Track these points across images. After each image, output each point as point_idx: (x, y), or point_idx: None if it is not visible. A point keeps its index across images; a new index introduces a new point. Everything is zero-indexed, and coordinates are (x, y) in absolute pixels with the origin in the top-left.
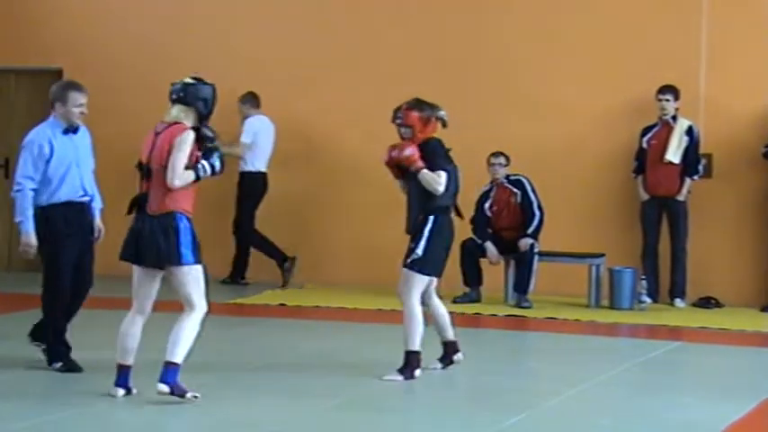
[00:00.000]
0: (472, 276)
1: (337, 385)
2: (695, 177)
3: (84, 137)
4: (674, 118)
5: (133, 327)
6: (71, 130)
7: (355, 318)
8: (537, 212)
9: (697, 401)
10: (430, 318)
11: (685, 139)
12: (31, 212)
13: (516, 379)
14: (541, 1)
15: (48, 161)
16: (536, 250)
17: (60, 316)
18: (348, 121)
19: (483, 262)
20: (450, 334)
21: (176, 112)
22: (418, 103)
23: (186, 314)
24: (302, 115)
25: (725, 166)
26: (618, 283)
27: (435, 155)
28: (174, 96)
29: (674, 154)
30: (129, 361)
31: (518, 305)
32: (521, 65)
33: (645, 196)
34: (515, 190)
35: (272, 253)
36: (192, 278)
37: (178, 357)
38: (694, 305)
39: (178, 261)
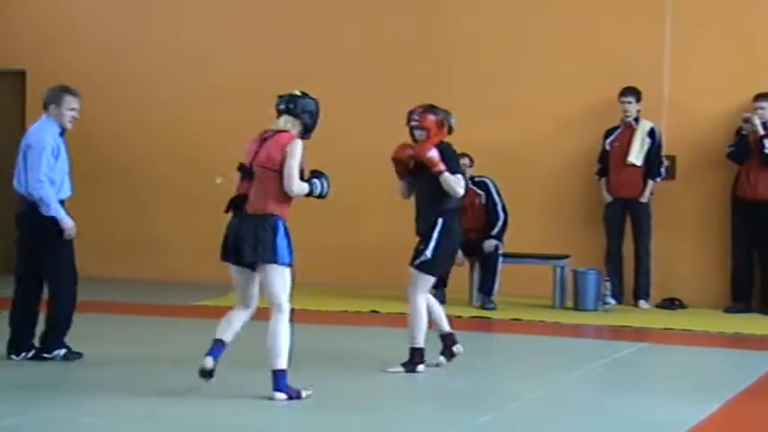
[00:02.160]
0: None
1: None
2: (657, 179)
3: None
4: (637, 120)
5: (237, 315)
6: (62, 132)
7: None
8: (501, 214)
9: (662, 402)
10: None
11: (647, 140)
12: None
13: (482, 380)
14: (505, 3)
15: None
16: (500, 252)
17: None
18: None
19: None
20: (446, 326)
21: (284, 122)
22: (433, 108)
23: (275, 320)
24: None
25: (688, 168)
26: (582, 284)
27: (453, 159)
28: (283, 107)
29: (636, 156)
30: (226, 337)
31: (483, 307)
32: (485, 67)
33: (608, 198)
34: (480, 191)
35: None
36: (283, 279)
37: (282, 363)
38: (658, 306)
39: (274, 259)
